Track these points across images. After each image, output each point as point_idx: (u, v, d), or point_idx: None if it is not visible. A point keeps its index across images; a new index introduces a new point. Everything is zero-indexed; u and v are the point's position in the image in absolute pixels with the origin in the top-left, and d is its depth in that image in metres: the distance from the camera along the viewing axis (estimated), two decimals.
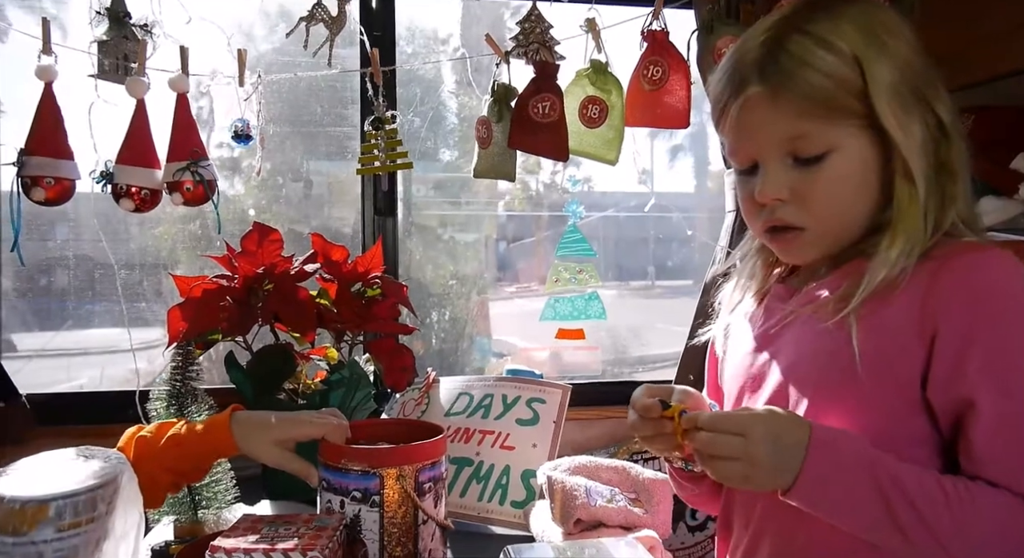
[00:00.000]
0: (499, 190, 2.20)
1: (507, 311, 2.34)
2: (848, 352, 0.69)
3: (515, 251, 2.73)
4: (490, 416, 1.32)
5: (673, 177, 2.79)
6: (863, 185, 0.72)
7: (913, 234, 0.70)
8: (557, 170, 2.49)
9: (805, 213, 0.74)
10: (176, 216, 1.94)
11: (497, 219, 2.41)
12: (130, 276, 1.79)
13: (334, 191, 1.97)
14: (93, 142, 1.24)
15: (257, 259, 1.25)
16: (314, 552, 0.77)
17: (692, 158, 2.73)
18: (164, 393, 1.17)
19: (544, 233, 2.70)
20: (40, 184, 1.12)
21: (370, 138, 1.31)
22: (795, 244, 0.76)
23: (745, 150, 0.77)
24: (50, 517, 0.55)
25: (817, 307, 0.74)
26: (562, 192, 2.37)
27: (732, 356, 0.88)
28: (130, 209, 1.17)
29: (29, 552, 0.54)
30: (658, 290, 2.89)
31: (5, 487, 0.56)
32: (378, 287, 1.36)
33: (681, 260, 3.02)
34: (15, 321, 1.74)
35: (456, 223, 2.16)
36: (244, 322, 1.16)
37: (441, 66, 1.96)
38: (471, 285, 2.18)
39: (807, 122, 0.71)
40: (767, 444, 0.66)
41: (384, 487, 0.87)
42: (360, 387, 1.29)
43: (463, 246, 2.19)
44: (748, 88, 0.73)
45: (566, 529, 1.03)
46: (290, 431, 0.94)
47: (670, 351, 2.38)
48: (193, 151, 1.18)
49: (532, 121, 1.24)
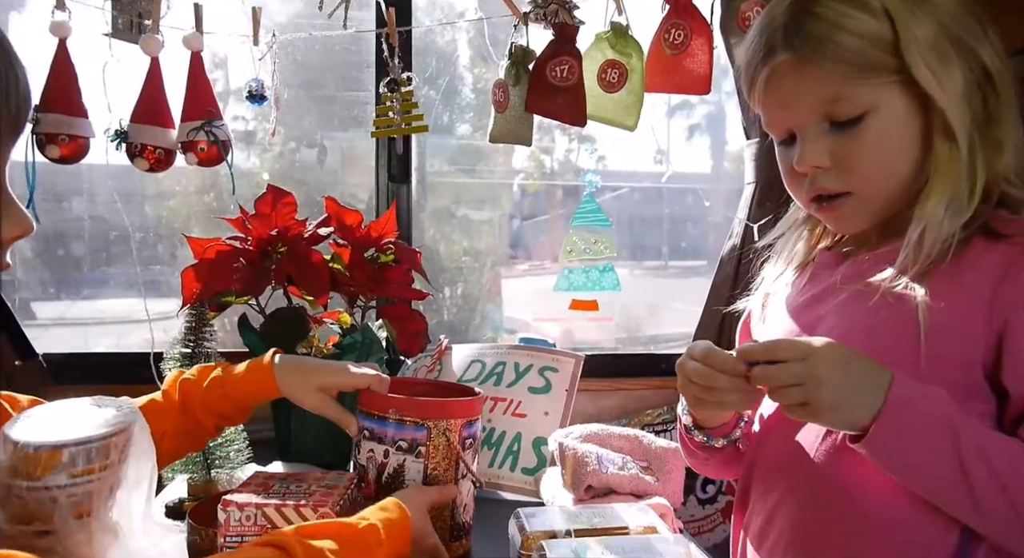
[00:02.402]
0: (514, 167, 2.18)
1: (520, 288, 2.34)
2: (909, 327, 0.67)
3: (529, 228, 2.71)
4: (502, 383, 1.31)
5: (689, 156, 2.75)
6: (905, 144, 0.70)
7: (954, 193, 0.68)
8: (572, 149, 2.46)
9: (848, 178, 0.71)
10: (191, 188, 1.94)
11: (512, 196, 2.39)
12: (145, 248, 1.79)
13: (348, 158, 1.96)
14: (107, 101, 1.24)
15: (271, 221, 1.25)
16: (325, 508, 0.77)
17: (709, 138, 2.69)
18: (178, 355, 1.17)
19: (558, 211, 2.68)
20: (55, 141, 1.11)
21: (385, 100, 1.29)
22: (843, 211, 0.74)
23: (780, 120, 0.75)
24: (63, 463, 0.54)
25: (872, 278, 0.71)
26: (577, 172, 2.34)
27: (771, 326, 0.86)
28: (144, 169, 1.17)
29: (43, 497, 0.54)
30: (672, 270, 2.87)
31: (19, 432, 0.55)
32: (391, 253, 1.35)
33: (695, 240, 2.99)
34: (33, 289, 1.75)
35: (470, 199, 2.15)
36: (257, 283, 1.16)
37: (457, 39, 1.93)
38: (484, 261, 2.17)
39: (841, 85, 0.68)
40: (833, 365, 0.62)
41: (430, 439, 0.87)
42: (373, 352, 1.29)
43: (477, 222, 2.18)
44: (777, 56, 0.71)
45: (577, 495, 1.03)
46: (335, 378, 0.93)
47: (683, 330, 2.36)
48: (207, 111, 1.17)
49: (550, 85, 1.21)
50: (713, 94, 2.57)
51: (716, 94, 2.67)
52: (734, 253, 1.60)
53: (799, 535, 0.75)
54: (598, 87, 1.26)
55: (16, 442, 0.55)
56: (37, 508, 0.54)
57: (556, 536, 0.80)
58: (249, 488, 0.81)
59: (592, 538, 0.77)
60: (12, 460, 0.54)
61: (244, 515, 0.76)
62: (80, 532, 0.55)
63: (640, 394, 1.70)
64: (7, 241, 0.55)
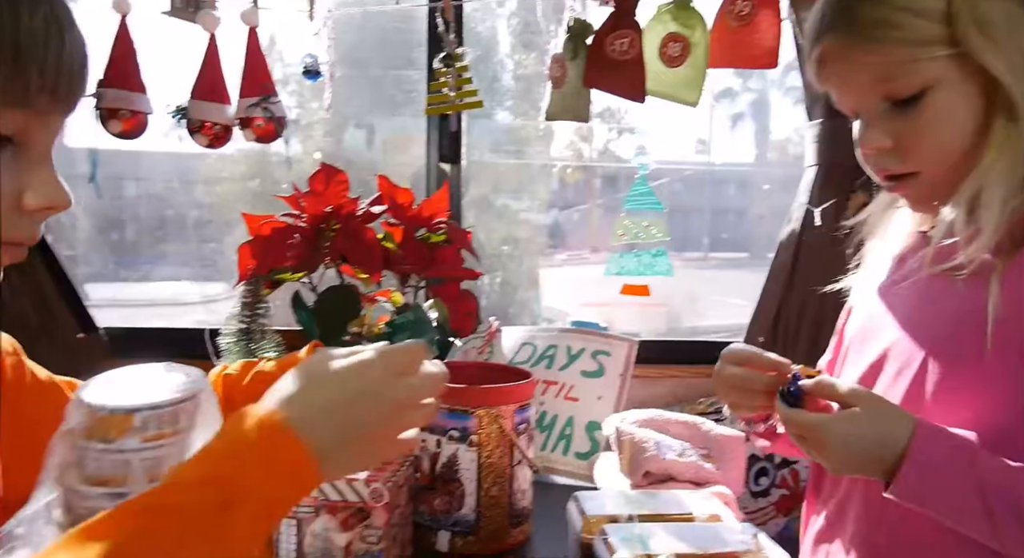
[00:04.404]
0: (552, 156, 2.15)
1: (558, 278, 2.32)
2: (977, 314, 0.64)
3: (568, 218, 2.68)
4: (554, 367, 1.29)
5: (732, 146, 2.68)
6: (968, 121, 0.67)
7: (1013, 175, 0.65)
8: (612, 138, 2.42)
9: (912, 159, 0.69)
10: (237, 174, 1.96)
11: (550, 185, 2.36)
12: (194, 232, 1.81)
13: (398, 138, 1.95)
14: (164, 78, 1.25)
15: (324, 199, 1.24)
16: (377, 483, 0.76)
17: (754, 126, 2.61)
18: (234, 330, 1.18)
19: (597, 201, 2.64)
20: (116, 116, 1.12)
21: (439, 76, 1.28)
22: (911, 191, 0.72)
23: (841, 100, 0.73)
24: (135, 427, 0.54)
25: (949, 262, 0.68)
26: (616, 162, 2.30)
27: (858, 307, 0.84)
28: (203, 144, 1.17)
29: (117, 460, 0.54)
30: (712, 261, 2.81)
31: (92, 395, 0.55)
32: (443, 233, 1.34)
33: (737, 232, 2.92)
34: (87, 271, 1.79)
35: (509, 188, 2.13)
36: (311, 260, 1.16)
37: (496, 26, 1.90)
38: (523, 250, 2.15)
39: (894, 64, 0.66)
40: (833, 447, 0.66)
41: (482, 427, 0.85)
42: (424, 332, 1.28)
43: (515, 211, 2.16)
44: (827, 38, 0.69)
45: (634, 481, 1.01)
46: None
47: (724, 323, 2.32)
48: (264, 86, 1.17)
49: (609, 59, 1.18)
50: (757, 81, 2.49)
51: (761, 81, 2.60)
52: (793, 238, 1.55)
53: (864, 527, 0.73)
54: (658, 62, 1.22)
55: (90, 405, 0.54)
56: (111, 470, 0.54)
57: (617, 520, 0.78)
58: None
59: (656, 524, 0.75)
60: (86, 422, 0.54)
61: None
62: None
63: (690, 382, 1.66)
64: (32, 211, 0.53)
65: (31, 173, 0.53)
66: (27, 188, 0.52)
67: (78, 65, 0.53)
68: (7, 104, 0.49)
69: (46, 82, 0.50)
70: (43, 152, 0.54)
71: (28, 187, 0.52)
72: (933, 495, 0.63)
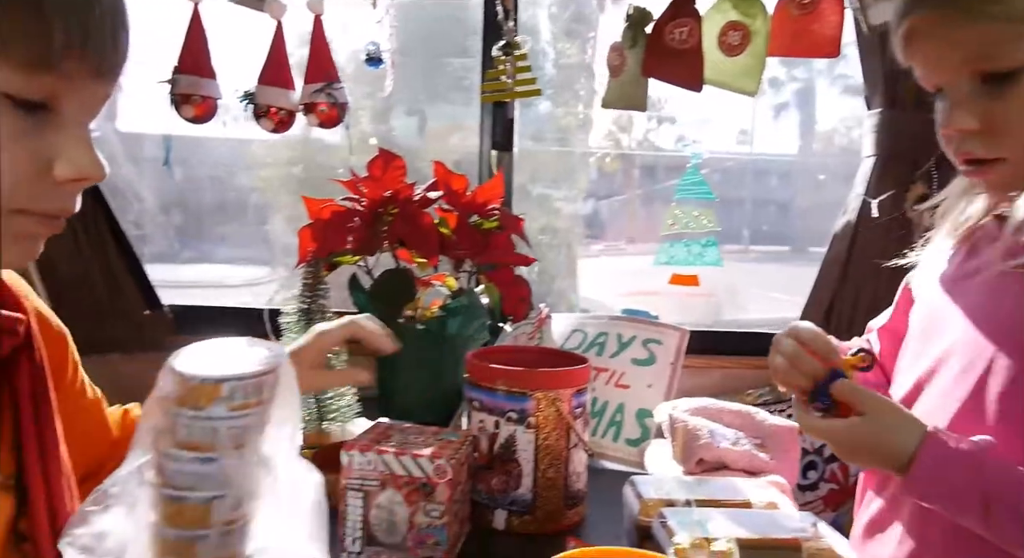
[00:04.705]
0: (590, 146, 2.14)
1: (595, 269, 2.31)
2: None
3: (605, 209, 2.67)
4: (604, 354, 1.30)
5: (776, 137, 2.61)
6: None
7: None
8: (652, 128, 2.39)
9: (999, 143, 0.66)
10: (281, 159, 2.00)
11: (588, 175, 2.35)
12: (239, 217, 1.86)
13: (443, 126, 1.97)
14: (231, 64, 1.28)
15: (382, 184, 1.27)
16: (441, 460, 0.78)
17: (798, 116, 2.55)
18: (295, 310, 1.22)
19: (636, 191, 2.61)
20: (189, 102, 1.16)
21: (498, 64, 1.29)
22: (993, 177, 0.69)
23: (927, 76, 0.70)
24: (223, 396, 0.57)
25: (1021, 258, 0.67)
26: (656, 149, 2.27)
27: (922, 299, 0.82)
28: (269, 129, 1.21)
29: (206, 427, 0.56)
30: (753, 254, 2.76)
31: (183, 365, 0.58)
32: (495, 219, 1.35)
33: (779, 225, 2.86)
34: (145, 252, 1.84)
35: (548, 177, 2.13)
36: (371, 243, 1.18)
37: (538, 15, 1.90)
38: (561, 239, 2.15)
39: (989, 41, 0.63)
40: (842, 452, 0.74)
41: (540, 410, 0.87)
42: (477, 316, 1.30)
43: (554, 200, 2.16)
44: (922, 8, 0.66)
45: (687, 468, 1.02)
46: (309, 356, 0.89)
47: (765, 317, 2.28)
48: (328, 73, 1.20)
49: (668, 48, 1.18)
50: (803, 70, 2.42)
51: (807, 70, 2.52)
52: (848, 230, 1.53)
53: (918, 521, 0.73)
54: (717, 50, 1.21)
55: (182, 374, 0.57)
56: (200, 437, 0.56)
57: (674, 504, 0.79)
58: (370, 436, 0.84)
59: (713, 509, 0.76)
60: (178, 391, 0.57)
61: (365, 460, 0.79)
62: (238, 462, 0.57)
63: (737, 372, 1.65)
64: (62, 181, 0.51)
65: (63, 142, 0.51)
66: (58, 157, 0.51)
67: (110, 29, 0.51)
68: (34, 66, 0.47)
69: (71, 41, 0.48)
70: (77, 121, 0.52)
71: (59, 156, 0.51)
72: (938, 497, 0.66)
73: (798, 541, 0.66)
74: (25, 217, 0.51)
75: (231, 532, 0.56)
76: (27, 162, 0.49)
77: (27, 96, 0.48)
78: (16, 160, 0.48)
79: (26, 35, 0.46)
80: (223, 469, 0.55)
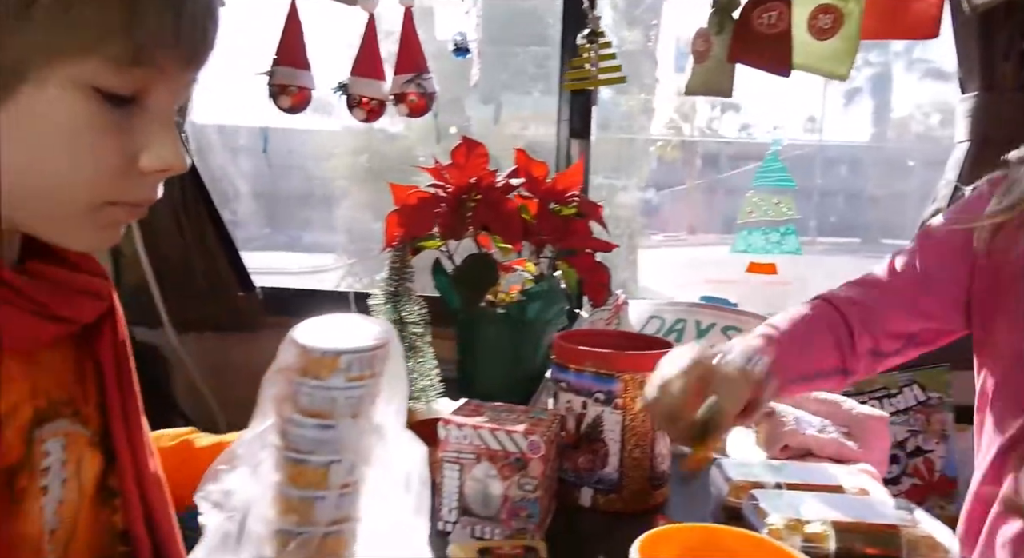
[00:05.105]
0: (651, 135, 2.12)
1: (654, 259, 2.28)
2: None
3: (665, 199, 2.63)
4: (683, 340, 1.31)
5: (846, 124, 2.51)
6: None
7: None
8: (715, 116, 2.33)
9: None
10: (347, 149, 2.04)
11: (649, 165, 2.32)
12: (303, 205, 1.92)
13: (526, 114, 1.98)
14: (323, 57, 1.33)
15: (465, 171, 1.30)
16: (535, 436, 0.81)
17: (872, 103, 2.43)
18: (382, 293, 1.27)
19: (696, 181, 2.56)
20: (286, 92, 1.22)
21: (582, 52, 1.30)
22: None
23: None
24: (341, 368, 0.60)
25: None
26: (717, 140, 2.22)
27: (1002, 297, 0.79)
28: (361, 118, 1.26)
29: (326, 396, 0.60)
30: (820, 246, 2.67)
31: (304, 337, 0.61)
32: (574, 206, 1.37)
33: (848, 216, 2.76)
34: None
35: (608, 166, 2.12)
36: (457, 228, 1.22)
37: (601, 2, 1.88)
38: (622, 229, 2.14)
39: None
40: None
41: (627, 391, 0.89)
42: (557, 301, 1.32)
43: (614, 189, 2.15)
44: None
45: (770, 454, 1.02)
46: None
47: None
48: (417, 63, 1.23)
49: (756, 32, 1.16)
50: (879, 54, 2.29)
51: (883, 54, 2.39)
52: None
53: None
54: (807, 34, 1.19)
55: (304, 346, 0.61)
56: (320, 405, 0.60)
57: (763, 487, 0.79)
58: (463, 412, 0.87)
59: (805, 493, 0.76)
60: (301, 362, 0.60)
61: (462, 434, 0.82)
62: (354, 430, 0.60)
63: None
64: (148, 171, 0.52)
65: (150, 134, 0.51)
66: (144, 149, 0.51)
67: (200, 23, 0.51)
68: (126, 61, 0.47)
69: (163, 36, 0.48)
70: (162, 113, 0.52)
71: (145, 148, 0.51)
72: None
73: (897, 527, 0.66)
74: (112, 208, 0.52)
75: (347, 495, 0.60)
76: (114, 155, 0.50)
77: (117, 90, 0.48)
78: (104, 153, 0.49)
79: (119, 30, 0.46)
80: (340, 436, 0.59)
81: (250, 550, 0.59)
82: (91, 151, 0.48)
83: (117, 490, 0.61)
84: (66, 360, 0.59)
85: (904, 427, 1.53)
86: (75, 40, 0.45)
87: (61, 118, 0.47)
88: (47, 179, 0.48)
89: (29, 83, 0.45)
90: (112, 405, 0.61)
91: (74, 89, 0.46)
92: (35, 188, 0.49)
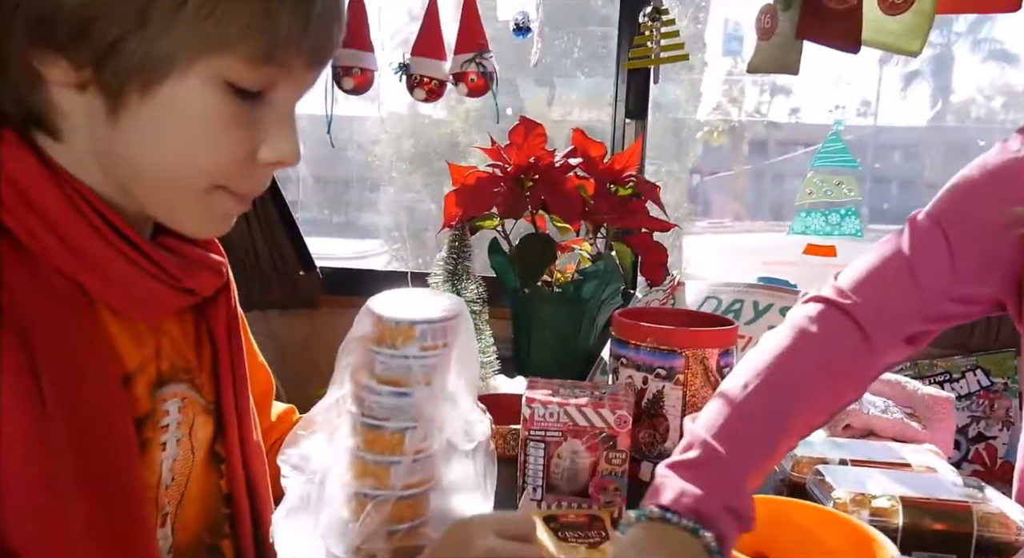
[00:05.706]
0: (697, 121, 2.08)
1: (700, 246, 2.25)
2: None
3: (711, 185, 2.57)
4: (740, 320, 1.30)
5: (902, 108, 2.40)
6: None
7: None
8: (764, 100, 2.27)
9: None
10: (392, 135, 2.05)
11: (696, 150, 2.28)
12: (349, 191, 1.94)
13: (574, 97, 1.98)
14: (381, 39, 1.36)
15: (523, 151, 1.31)
16: (622, 411, 0.80)
17: (931, 86, 2.32)
18: (441, 271, 1.29)
19: (744, 167, 2.50)
20: (349, 74, 1.25)
21: (644, 30, 1.29)
22: None
23: None
24: (416, 337, 0.62)
25: None
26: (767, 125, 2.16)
27: None
28: (421, 98, 1.28)
29: (401, 364, 0.62)
30: (871, 234, 2.59)
31: (380, 308, 0.64)
32: (631, 186, 1.37)
33: (901, 203, 2.66)
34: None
35: (652, 153, 2.09)
36: (516, 207, 1.23)
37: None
38: (668, 215, 2.11)
39: None
40: None
41: (688, 367, 0.89)
42: (613, 281, 1.33)
43: (656, 176, 2.13)
44: None
45: (832, 433, 1.01)
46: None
47: None
48: (478, 43, 1.24)
49: (825, 8, 1.14)
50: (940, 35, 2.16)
51: (944, 34, 2.26)
52: None
53: None
54: (878, 9, 1.16)
55: (380, 316, 0.63)
56: (396, 373, 0.62)
57: (827, 463, 0.79)
58: (538, 389, 0.87)
59: (872, 469, 0.76)
60: (377, 331, 0.63)
61: (548, 412, 0.81)
62: (428, 397, 0.63)
63: None
64: (264, 163, 0.54)
65: (271, 128, 0.53)
66: (264, 142, 0.53)
67: (328, 22, 0.52)
68: (259, 58, 0.49)
69: (294, 35, 0.50)
70: (285, 107, 0.54)
71: (265, 141, 0.53)
72: None
73: (968, 504, 0.65)
74: (224, 194, 0.55)
75: (420, 460, 0.62)
76: (239, 145, 0.52)
77: (247, 86, 0.50)
78: (230, 144, 0.52)
79: (253, 29, 0.48)
80: (415, 403, 0.61)
81: (328, 511, 0.62)
82: (219, 141, 0.52)
83: (224, 456, 0.65)
84: (186, 330, 0.64)
85: (966, 413, 1.49)
86: (218, 38, 0.48)
87: (197, 109, 0.50)
88: (174, 164, 0.52)
89: (173, 77, 0.49)
90: (224, 375, 0.65)
91: (211, 83, 0.50)
92: (161, 171, 0.52)
